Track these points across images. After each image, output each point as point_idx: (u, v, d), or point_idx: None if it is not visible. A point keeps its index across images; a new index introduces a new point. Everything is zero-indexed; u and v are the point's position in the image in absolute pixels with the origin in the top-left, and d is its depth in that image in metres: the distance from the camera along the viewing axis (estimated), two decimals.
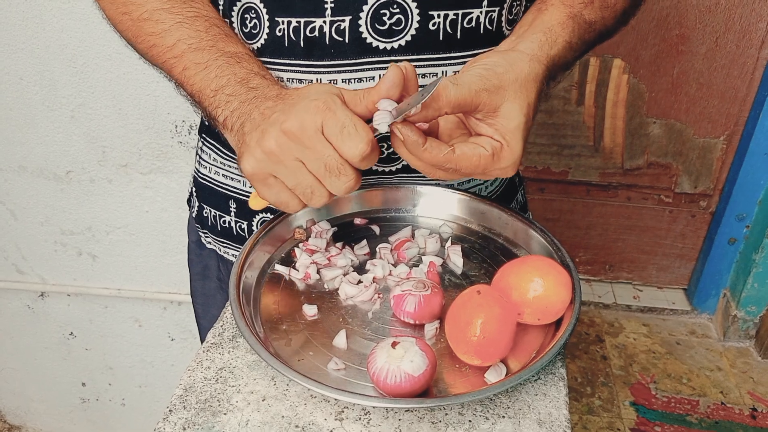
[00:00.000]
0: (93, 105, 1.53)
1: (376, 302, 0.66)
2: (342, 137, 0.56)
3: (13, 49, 1.47)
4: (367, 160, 0.57)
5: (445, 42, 0.70)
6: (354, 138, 0.56)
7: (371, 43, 0.68)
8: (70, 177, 1.65)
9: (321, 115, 0.56)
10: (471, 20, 0.69)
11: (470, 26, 0.70)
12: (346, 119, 0.56)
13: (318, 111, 0.56)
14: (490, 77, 0.58)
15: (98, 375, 2.03)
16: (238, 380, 0.58)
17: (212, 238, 0.89)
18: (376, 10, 0.67)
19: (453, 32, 0.69)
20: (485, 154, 0.58)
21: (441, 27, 0.69)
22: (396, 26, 0.68)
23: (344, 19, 0.68)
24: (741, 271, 1.94)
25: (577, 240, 2.09)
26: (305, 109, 0.57)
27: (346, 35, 0.68)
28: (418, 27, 0.68)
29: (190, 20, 0.68)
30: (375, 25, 0.68)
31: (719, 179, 1.92)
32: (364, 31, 0.68)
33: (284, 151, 0.57)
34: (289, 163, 0.58)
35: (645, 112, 1.83)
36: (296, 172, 0.58)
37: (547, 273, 0.60)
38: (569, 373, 1.90)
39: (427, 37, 0.69)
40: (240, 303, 0.61)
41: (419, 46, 0.69)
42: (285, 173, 0.58)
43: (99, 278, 1.81)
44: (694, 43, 1.72)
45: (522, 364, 0.58)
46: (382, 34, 0.68)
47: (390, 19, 0.68)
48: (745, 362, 1.93)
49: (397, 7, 0.67)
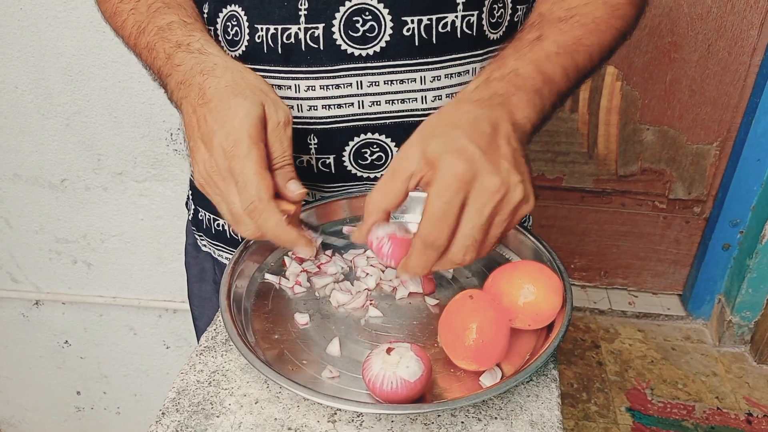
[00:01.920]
0: (88, 113, 1.53)
1: (368, 309, 0.66)
2: (241, 191, 0.58)
3: (9, 57, 1.48)
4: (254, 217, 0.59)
5: (421, 47, 0.69)
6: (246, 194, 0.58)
7: (346, 50, 0.69)
8: (65, 185, 1.65)
9: (230, 159, 0.58)
10: (446, 25, 0.69)
11: (446, 31, 0.69)
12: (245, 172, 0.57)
13: (229, 154, 0.58)
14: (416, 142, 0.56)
15: (93, 383, 2.02)
16: (231, 383, 0.58)
17: (207, 240, 0.89)
18: (348, 17, 0.68)
19: (428, 37, 0.69)
20: None
21: (415, 32, 0.69)
22: (369, 33, 0.68)
23: (318, 26, 0.68)
24: (735, 276, 1.95)
25: (572, 246, 2.10)
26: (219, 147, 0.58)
27: (321, 42, 0.69)
28: (392, 33, 0.68)
29: (137, 3, 0.72)
30: (348, 32, 0.68)
31: (713, 185, 1.93)
32: (338, 38, 0.68)
33: (207, 188, 0.61)
34: (214, 196, 0.61)
35: (638, 118, 1.84)
36: (220, 205, 0.61)
37: (538, 279, 0.60)
38: (565, 379, 1.90)
39: (402, 43, 0.69)
40: (231, 313, 0.61)
41: (394, 52, 0.69)
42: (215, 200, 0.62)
43: (94, 286, 1.81)
44: (686, 51, 1.73)
45: (515, 368, 0.59)
46: (356, 41, 0.69)
47: (363, 26, 0.68)
48: (740, 367, 1.94)
49: (370, 14, 0.68)
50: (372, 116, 0.72)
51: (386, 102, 0.71)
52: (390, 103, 0.71)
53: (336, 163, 0.74)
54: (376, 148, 0.73)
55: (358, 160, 0.74)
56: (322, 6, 0.67)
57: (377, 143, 0.73)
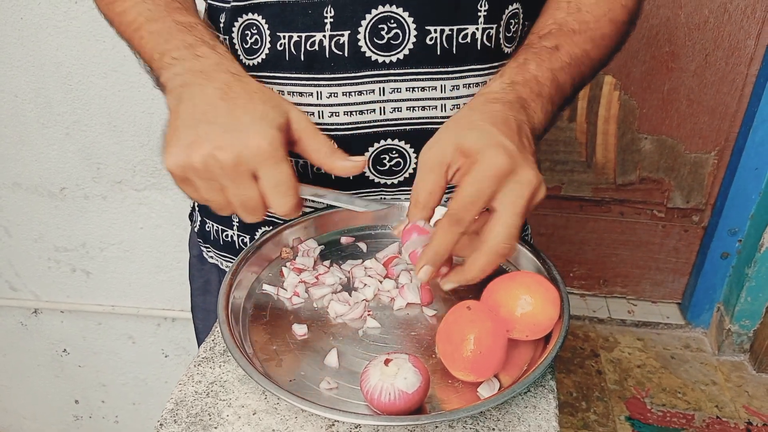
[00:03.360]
0: (88, 122, 1.54)
1: (366, 320, 0.66)
2: (273, 193, 0.57)
3: (9, 66, 1.48)
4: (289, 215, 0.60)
5: (442, 57, 0.71)
6: (283, 198, 0.57)
7: (370, 57, 0.70)
8: (65, 194, 1.65)
9: (261, 161, 0.56)
10: (466, 36, 0.71)
11: (466, 42, 0.71)
12: (283, 176, 0.57)
13: (260, 156, 0.56)
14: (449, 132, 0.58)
15: (91, 392, 2.02)
16: (229, 394, 0.58)
17: (214, 252, 0.89)
18: (374, 25, 0.69)
19: (449, 47, 0.71)
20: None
21: (438, 42, 0.70)
22: (394, 40, 0.69)
23: (343, 33, 0.69)
24: (734, 285, 1.95)
25: (570, 255, 2.10)
26: (246, 145, 0.56)
27: (346, 49, 0.69)
28: (416, 41, 0.70)
29: None
30: (373, 39, 0.69)
31: (711, 194, 1.94)
32: (363, 45, 0.69)
33: (209, 173, 0.57)
34: (211, 183, 0.58)
35: (636, 128, 1.85)
36: (213, 192, 0.58)
37: (535, 290, 0.61)
38: (564, 387, 1.90)
39: (425, 52, 0.70)
40: (229, 324, 0.61)
41: (417, 60, 0.70)
42: (204, 188, 0.58)
43: (93, 295, 1.81)
44: (684, 60, 1.74)
45: (513, 378, 0.59)
46: (380, 48, 0.70)
47: (388, 33, 0.69)
48: (739, 376, 1.93)
49: (395, 22, 0.69)
50: (392, 122, 0.73)
51: (407, 109, 0.72)
52: (411, 110, 0.72)
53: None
54: (395, 154, 0.74)
55: (377, 166, 0.75)
56: (348, 14, 0.68)
57: (396, 149, 0.74)
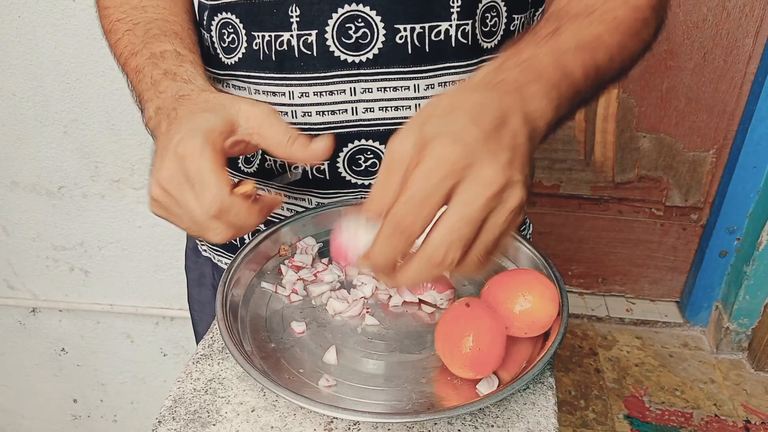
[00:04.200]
0: (86, 120, 1.54)
1: (364, 317, 0.66)
2: (197, 188, 0.55)
3: (6, 65, 1.48)
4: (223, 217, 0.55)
5: (414, 55, 0.69)
6: (205, 190, 0.54)
7: (339, 56, 0.69)
8: (63, 192, 1.65)
9: (187, 165, 0.55)
10: (439, 33, 0.69)
11: (439, 39, 0.69)
12: (199, 167, 0.54)
13: (177, 160, 0.55)
14: None
15: (90, 391, 2.02)
16: (228, 391, 0.58)
17: (208, 246, 0.89)
18: (341, 24, 0.68)
19: (421, 45, 0.69)
20: None
21: (408, 40, 0.69)
22: (362, 40, 0.68)
23: (310, 33, 0.68)
24: (733, 283, 1.95)
25: (569, 253, 2.10)
26: (171, 158, 0.55)
27: (314, 49, 0.69)
28: (385, 40, 0.68)
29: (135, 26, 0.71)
30: (341, 38, 0.68)
31: (709, 192, 1.94)
32: (332, 44, 0.69)
33: (163, 202, 0.57)
34: (173, 210, 0.57)
35: (635, 126, 1.85)
36: (181, 218, 0.58)
37: (533, 287, 0.60)
38: (563, 386, 1.90)
39: (395, 51, 0.69)
40: (227, 321, 0.61)
41: (387, 59, 0.69)
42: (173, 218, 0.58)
43: (91, 294, 1.81)
44: (682, 59, 1.74)
45: (512, 375, 0.59)
46: (349, 48, 0.69)
47: (356, 32, 0.68)
48: (738, 374, 1.94)
49: (362, 21, 0.68)
50: (365, 123, 0.72)
51: (379, 109, 0.71)
52: (383, 110, 0.71)
53: (330, 169, 0.74)
54: (370, 155, 0.74)
55: (352, 167, 0.74)
56: (314, 13, 0.68)
57: (371, 149, 0.73)
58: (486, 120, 0.46)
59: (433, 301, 0.67)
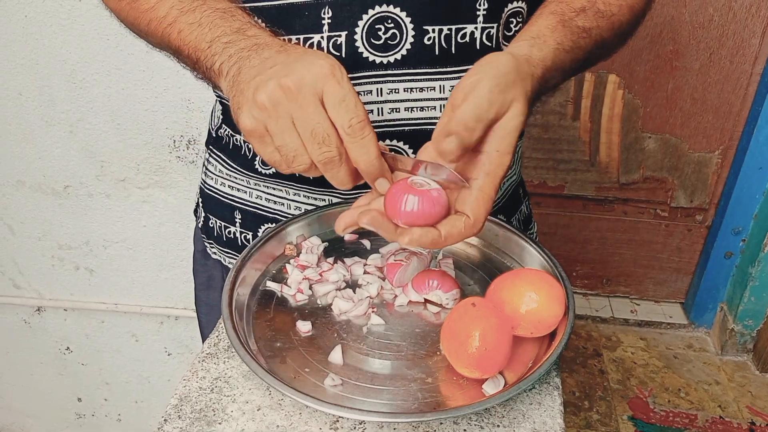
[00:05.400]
0: (91, 120, 1.54)
1: (370, 316, 0.66)
2: (339, 108, 0.53)
3: (13, 64, 1.48)
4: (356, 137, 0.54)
5: (441, 57, 0.70)
6: (351, 111, 0.53)
7: (367, 57, 0.69)
8: (68, 191, 1.66)
9: (324, 80, 0.54)
10: (465, 35, 0.70)
11: (465, 41, 0.70)
12: (348, 93, 0.53)
13: (322, 76, 0.54)
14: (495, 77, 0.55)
15: (94, 390, 2.02)
16: (233, 390, 0.58)
17: (217, 248, 0.89)
18: (371, 25, 0.68)
19: (448, 47, 0.70)
20: (468, 223, 0.55)
21: (436, 42, 0.69)
22: (391, 41, 0.69)
23: (341, 34, 0.69)
24: (738, 284, 1.95)
25: (574, 254, 2.09)
26: (308, 69, 0.54)
27: (343, 50, 0.69)
28: (413, 42, 0.69)
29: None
30: (370, 39, 0.69)
31: (715, 193, 1.93)
32: (360, 45, 0.69)
33: (277, 107, 0.54)
34: (281, 120, 0.55)
35: (640, 126, 1.84)
36: (285, 132, 0.55)
37: (540, 287, 0.60)
38: (567, 387, 1.90)
39: (423, 52, 0.70)
40: (233, 320, 0.61)
41: (415, 60, 0.70)
42: (275, 130, 0.55)
43: (96, 293, 1.81)
44: (688, 59, 1.73)
45: (518, 375, 0.59)
46: (377, 49, 0.69)
47: (385, 33, 0.69)
48: (743, 376, 1.93)
49: (392, 22, 0.68)
50: (391, 123, 0.72)
51: (405, 109, 0.72)
52: (409, 110, 0.72)
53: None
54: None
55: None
56: (345, 14, 0.68)
57: (395, 150, 0.74)
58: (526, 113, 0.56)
59: (438, 301, 0.67)
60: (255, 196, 0.82)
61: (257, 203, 0.83)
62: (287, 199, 0.81)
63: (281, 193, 0.81)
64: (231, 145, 0.82)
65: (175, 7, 0.66)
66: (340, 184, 0.57)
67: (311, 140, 0.54)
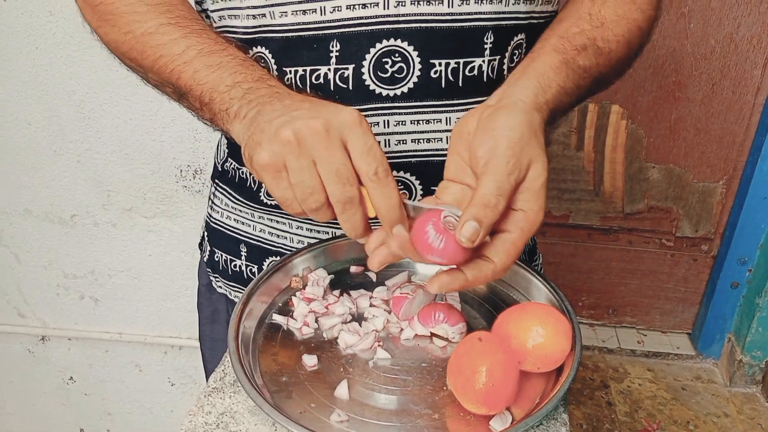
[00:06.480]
0: (99, 149, 1.55)
1: (376, 350, 0.66)
2: (366, 156, 0.54)
3: (23, 95, 1.50)
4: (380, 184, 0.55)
5: (448, 89, 0.71)
6: (377, 160, 0.54)
7: (374, 90, 0.70)
8: (75, 220, 1.66)
9: (351, 128, 0.55)
10: (473, 68, 0.71)
11: (472, 74, 0.71)
12: (375, 143, 0.55)
13: (351, 122, 0.55)
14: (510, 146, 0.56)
15: (97, 421, 2.00)
16: (239, 425, 0.57)
17: (223, 282, 0.89)
18: (378, 59, 0.69)
19: (455, 80, 0.70)
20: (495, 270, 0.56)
21: (443, 75, 0.70)
22: (398, 74, 0.70)
23: (348, 66, 0.69)
24: (745, 315, 1.93)
25: (579, 284, 2.09)
26: (335, 115, 0.55)
27: (350, 82, 0.70)
28: (420, 75, 0.70)
29: (198, 32, 0.67)
30: (377, 72, 0.69)
31: (720, 223, 1.93)
32: (367, 78, 0.70)
33: (301, 143, 0.54)
34: (302, 157, 0.54)
35: (644, 157, 1.85)
36: (304, 169, 0.55)
37: (546, 321, 0.60)
38: (574, 419, 1.87)
39: (430, 85, 0.70)
40: (239, 354, 0.61)
41: (422, 93, 0.70)
42: (295, 166, 0.55)
43: (100, 322, 1.81)
44: (690, 90, 1.75)
45: (525, 411, 0.58)
46: (384, 82, 0.70)
47: (392, 66, 0.69)
48: (752, 408, 1.90)
49: (399, 56, 0.69)
50: (397, 155, 0.73)
51: (412, 141, 0.72)
52: (415, 142, 0.72)
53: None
54: (400, 186, 0.73)
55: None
56: (353, 48, 0.69)
57: (402, 181, 0.74)
58: None
59: (444, 335, 0.67)
60: (259, 229, 0.82)
61: (260, 236, 0.83)
62: (290, 232, 0.81)
63: (284, 227, 0.81)
64: (237, 177, 0.83)
65: (193, 47, 0.66)
66: (352, 229, 0.57)
67: (335, 180, 0.54)
